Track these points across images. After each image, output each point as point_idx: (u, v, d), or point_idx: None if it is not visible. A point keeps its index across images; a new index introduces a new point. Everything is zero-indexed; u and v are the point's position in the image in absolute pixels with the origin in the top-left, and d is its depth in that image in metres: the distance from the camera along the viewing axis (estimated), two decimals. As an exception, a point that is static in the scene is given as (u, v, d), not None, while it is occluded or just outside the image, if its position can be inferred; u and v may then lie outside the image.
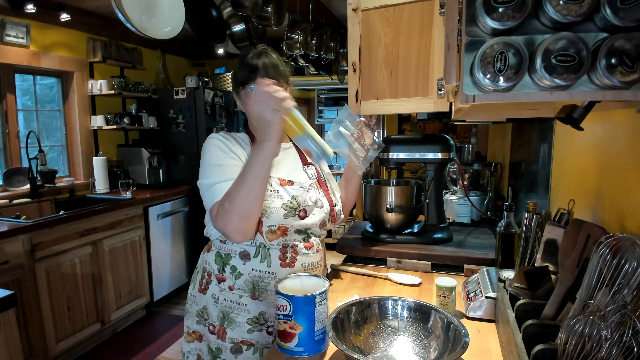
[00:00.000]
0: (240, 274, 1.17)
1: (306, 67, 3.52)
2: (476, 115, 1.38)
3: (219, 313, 1.19)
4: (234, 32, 2.69)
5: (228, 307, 1.18)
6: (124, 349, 2.83)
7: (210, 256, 1.24)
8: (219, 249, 1.22)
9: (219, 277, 1.20)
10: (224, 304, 1.18)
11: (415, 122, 4.64)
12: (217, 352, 1.19)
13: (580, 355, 0.64)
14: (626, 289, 0.63)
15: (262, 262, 1.16)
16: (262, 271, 1.16)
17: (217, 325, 1.19)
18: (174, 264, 3.61)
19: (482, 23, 0.59)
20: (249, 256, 1.17)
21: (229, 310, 1.18)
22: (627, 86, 0.55)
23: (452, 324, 0.93)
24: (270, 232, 1.16)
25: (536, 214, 1.12)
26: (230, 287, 1.18)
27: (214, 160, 1.17)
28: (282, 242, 1.17)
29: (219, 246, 1.23)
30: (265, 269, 1.16)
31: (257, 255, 1.16)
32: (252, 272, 1.16)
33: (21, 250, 2.28)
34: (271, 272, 1.16)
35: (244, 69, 1.18)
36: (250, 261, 1.17)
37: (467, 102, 0.62)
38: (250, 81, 1.17)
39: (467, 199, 1.93)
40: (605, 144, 1.04)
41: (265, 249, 1.16)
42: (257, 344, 1.17)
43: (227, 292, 1.18)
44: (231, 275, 1.18)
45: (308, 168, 1.30)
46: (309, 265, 1.21)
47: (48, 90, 3.39)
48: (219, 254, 1.22)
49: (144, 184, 3.67)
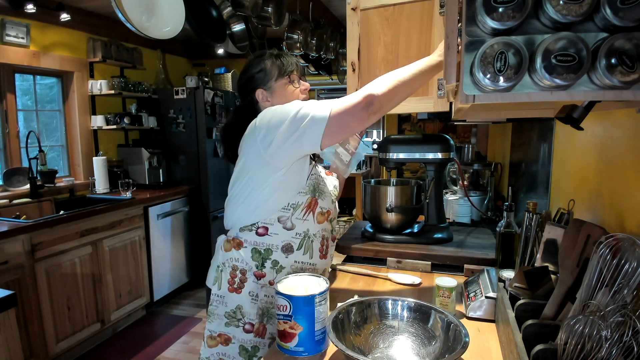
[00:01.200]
0: (282, 268, 1.20)
1: (306, 67, 3.52)
2: (476, 115, 1.38)
3: (259, 310, 1.19)
4: (234, 32, 2.69)
5: (269, 302, 1.19)
6: (124, 349, 2.83)
7: (244, 253, 1.20)
8: (255, 246, 1.19)
9: (257, 273, 1.19)
10: (264, 300, 1.19)
11: (415, 122, 4.64)
12: (253, 350, 1.18)
13: (580, 355, 0.64)
14: (626, 289, 0.63)
15: (305, 253, 1.21)
16: (305, 263, 1.21)
17: (256, 323, 1.19)
18: (174, 264, 3.60)
19: (482, 23, 0.59)
20: (292, 249, 1.20)
21: (269, 306, 1.19)
22: (627, 86, 0.54)
23: (452, 324, 0.93)
24: (321, 214, 1.22)
25: (536, 214, 1.12)
26: (270, 282, 1.19)
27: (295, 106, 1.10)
28: (321, 233, 1.24)
29: (254, 242, 1.20)
30: (307, 260, 1.21)
31: (300, 247, 1.20)
32: (294, 264, 1.20)
33: (21, 250, 2.28)
34: (312, 263, 1.22)
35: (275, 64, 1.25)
36: (293, 254, 1.20)
37: (467, 102, 0.62)
38: (292, 72, 1.25)
39: (467, 199, 1.93)
40: (605, 144, 1.04)
41: (309, 240, 1.21)
42: None
43: (267, 287, 1.19)
44: (272, 270, 1.19)
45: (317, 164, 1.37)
46: (331, 255, 1.32)
47: (48, 90, 3.39)
48: (256, 250, 1.19)
49: (144, 184, 3.67)
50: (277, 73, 1.25)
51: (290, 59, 1.27)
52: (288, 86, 1.25)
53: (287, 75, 1.25)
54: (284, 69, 1.25)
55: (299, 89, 1.27)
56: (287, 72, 1.25)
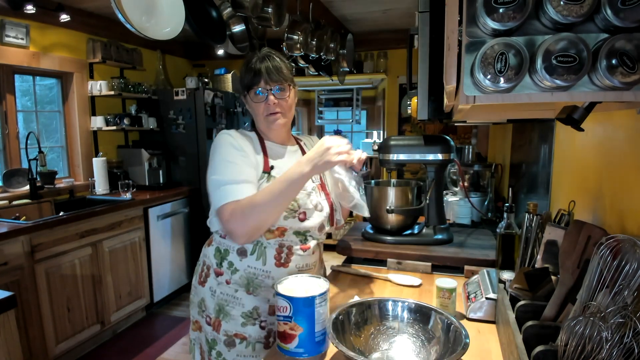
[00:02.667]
0: (237, 270, 1.20)
1: (306, 67, 3.51)
2: (477, 116, 1.37)
3: (215, 305, 1.22)
4: (234, 33, 2.68)
5: (224, 300, 1.21)
6: (124, 351, 2.82)
7: (211, 250, 1.27)
8: (218, 244, 1.25)
9: (217, 271, 1.23)
10: (220, 297, 1.22)
11: (415, 122, 4.63)
12: (212, 343, 1.23)
13: (581, 357, 0.64)
14: (627, 290, 0.63)
15: (257, 259, 1.19)
16: (257, 269, 1.19)
17: (212, 318, 1.22)
18: (174, 265, 3.60)
19: (482, 24, 0.58)
20: (245, 253, 1.20)
21: (224, 304, 1.21)
22: (627, 87, 0.54)
23: (452, 325, 0.92)
24: (269, 232, 1.18)
25: (536, 215, 1.11)
26: (227, 281, 1.21)
27: (226, 156, 1.16)
28: (279, 242, 1.20)
29: (218, 241, 1.26)
30: (260, 266, 1.19)
31: (253, 252, 1.19)
32: (247, 268, 1.19)
33: (21, 251, 2.28)
34: (266, 270, 1.19)
35: (248, 74, 1.21)
36: (247, 258, 1.19)
37: (467, 103, 0.62)
38: (255, 85, 1.20)
39: (467, 200, 1.93)
40: (605, 145, 1.04)
41: (262, 247, 1.19)
42: (250, 338, 1.20)
43: (223, 285, 1.22)
44: (228, 270, 1.21)
45: None
46: (303, 266, 1.23)
47: (48, 91, 3.39)
48: (218, 249, 1.25)
49: (143, 185, 3.66)
50: (242, 86, 1.24)
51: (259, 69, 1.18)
52: (252, 100, 1.22)
53: (247, 91, 1.22)
54: (244, 83, 1.22)
55: (262, 104, 1.21)
56: (247, 87, 1.22)
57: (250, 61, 1.22)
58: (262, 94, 1.20)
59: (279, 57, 1.23)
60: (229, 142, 1.19)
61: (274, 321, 1.18)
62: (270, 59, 1.20)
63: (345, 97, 5.13)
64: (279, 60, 1.22)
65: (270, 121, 1.22)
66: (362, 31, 4.26)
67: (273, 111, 1.21)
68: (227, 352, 1.20)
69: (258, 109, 1.22)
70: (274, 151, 1.27)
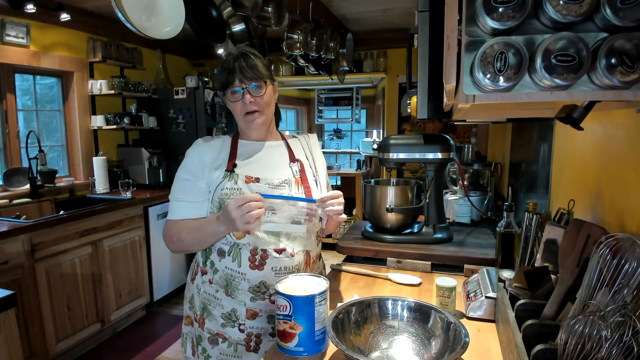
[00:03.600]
0: (217, 270, 1.21)
1: (306, 67, 3.51)
2: (476, 115, 1.38)
3: (201, 303, 1.24)
4: (234, 32, 2.68)
5: (207, 299, 1.23)
6: (124, 349, 2.83)
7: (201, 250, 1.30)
8: None
9: (202, 269, 1.25)
10: (204, 295, 1.23)
11: (415, 122, 4.63)
12: (199, 339, 1.25)
13: (580, 355, 0.64)
14: (626, 289, 0.63)
15: (233, 261, 1.18)
16: (233, 270, 1.18)
17: (198, 315, 1.25)
18: (173, 263, 3.60)
19: (482, 23, 0.59)
20: (224, 254, 1.20)
21: (207, 302, 1.23)
22: (627, 86, 0.55)
23: (452, 324, 0.93)
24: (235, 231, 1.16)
25: (536, 214, 1.12)
26: (209, 281, 1.23)
27: (181, 173, 1.28)
28: (253, 244, 1.16)
29: None
30: (235, 268, 1.18)
31: (230, 253, 1.19)
32: (225, 269, 1.20)
33: (21, 250, 2.28)
34: (241, 272, 1.18)
35: (223, 73, 1.21)
36: (225, 259, 1.20)
37: (467, 102, 0.62)
38: (230, 84, 1.19)
39: (467, 199, 1.93)
40: (605, 144, 1.04)
41: (237, 248, 1.18)
42: (230, 339, 1.20)
43: (207, 284, 1.23)
44: (210, 269, 1.22)
45: (294, 164, 1.28)
46: (280, 269, 1.18)
47: (48, 90, 3.39)
48: (205, 249, 1.25)
49: (144, 184, 3.66)
50: (220, 86, 1.25)
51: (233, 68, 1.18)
52: (229, 99, 1.22)
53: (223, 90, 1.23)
54: (220, 83, 1.23)
55: (239, 103, 1.20)
56: (223, 86, 1.22)
57: (225, 61, 1.22)
58: (239, 91, 1.19)
59: (254, 54, 1.22)
60: (190, 159, 1.26)
61: (253, 325, 1.19)
62: (244, 57, 1.19)
63: (345, 96, 5.13)
64: (253, 58, 1.20)
65: (249, 120, 1.21)
66: (362, 30, 4.25)
67: (250, 110, 1.20)
68: (211, 349, 1.22)
69: (235, 108, 1.22)
70: (248, 148, 1.26)
